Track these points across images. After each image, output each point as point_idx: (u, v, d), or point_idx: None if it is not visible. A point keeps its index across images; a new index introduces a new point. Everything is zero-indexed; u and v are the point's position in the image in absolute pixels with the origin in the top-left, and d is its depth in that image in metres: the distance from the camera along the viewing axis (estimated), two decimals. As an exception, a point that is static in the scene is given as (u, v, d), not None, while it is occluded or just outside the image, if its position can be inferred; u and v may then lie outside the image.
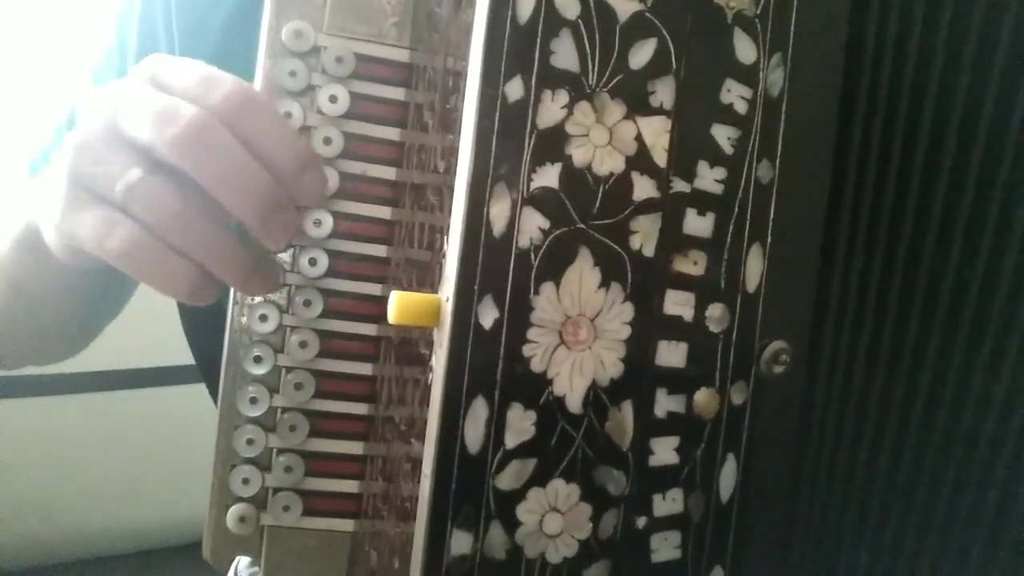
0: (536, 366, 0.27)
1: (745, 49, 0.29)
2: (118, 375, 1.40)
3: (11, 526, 1.39)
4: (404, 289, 0.31)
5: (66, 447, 1.40)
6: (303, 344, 0.40)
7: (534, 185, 0.27)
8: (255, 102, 0.35)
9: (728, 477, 0.30)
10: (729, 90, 0.29)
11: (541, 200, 0.27)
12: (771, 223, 0.29)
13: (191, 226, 0.34)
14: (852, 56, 0.31)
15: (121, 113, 0.34)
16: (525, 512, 0.28)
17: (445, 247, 0.28)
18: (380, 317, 0.41)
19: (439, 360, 0.27)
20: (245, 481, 0.40)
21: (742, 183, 0.29)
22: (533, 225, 0.27)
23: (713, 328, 0.29)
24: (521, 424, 0.27)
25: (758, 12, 0.29)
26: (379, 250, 0.41)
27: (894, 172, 0.33)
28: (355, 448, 0.41)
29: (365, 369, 0.41)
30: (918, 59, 0.32)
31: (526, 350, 0.27)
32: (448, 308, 0.27)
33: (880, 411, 0.34)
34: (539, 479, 0.28)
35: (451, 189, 0.29)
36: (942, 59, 0.32)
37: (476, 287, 0.27)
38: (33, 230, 0.41)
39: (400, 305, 0.28)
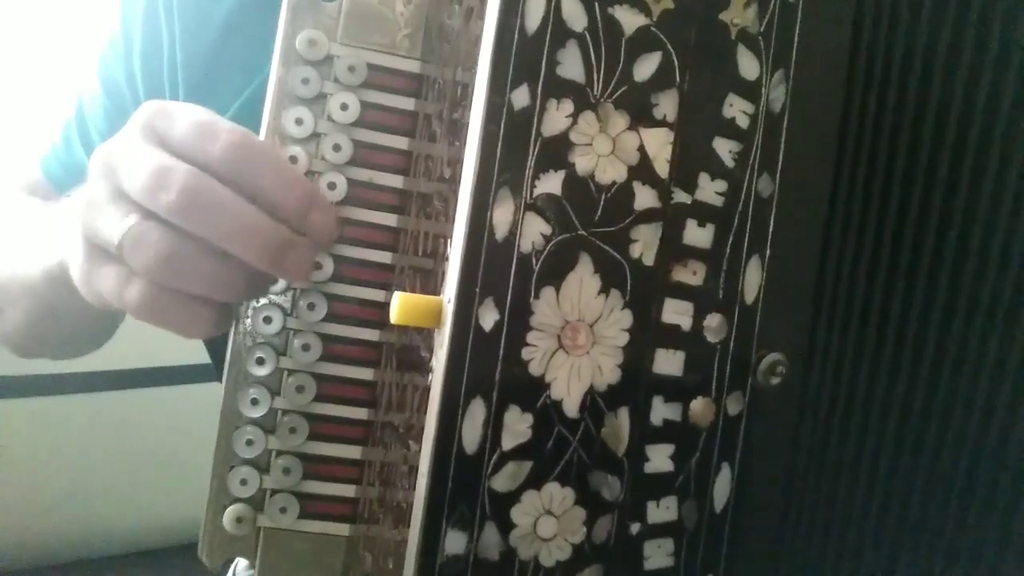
0: (534, 369, 0.28)
1: (748, 65, 0.29)
2: (118, 375, 1.41)
3: (11, 526, 1.39)
4: (407, 295, 0.32)
5: (66, 447, 1.40)
6: (306, 347, 0.40)
7: (537, 191, 0.27)
8: (254, 149, 0.35)
9: (723, 486, 0.30)
10: (731, 105, 0.29)
11: (544, 206, 0.27)
12: (770, 236, 0.30)
13: (188, 266, 0.34)
14: (852, 74, 0.32)
15: (120, 171, 0.35)
16: (520, 514, 0.28)
17: (448, 251, 0.29)
18: (383, 323, 0.41)
19: (439, 360, 0.27)
20: (243, 482, 0.40)
21: (742, 196, 0.29)
22: (535, 230, 0.27)
23: (711, 338, 0.29)
24: (518, 426, 0.28)
25: (762, 30, 0.29)
26: (384, 256, 0.41)
27: (895, 186, 0.34)
28: (353, 452, 0.41)
29: (366, 374, 0.41)
30: (916, 77, 0.33)
31: (525, 353, 0.27)
32: (449, 309, 0.27)
33: (873, 420, 0.34)
34: (534, 482, 0.28)
35: (456, 195, 0.29)
36: (941, 78, 0.33)
37: (478, 290, 0.27)
38: (65, 269, 0.42)
39: (402, 305, 0.28)
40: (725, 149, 0.29)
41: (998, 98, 0.33)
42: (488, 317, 0.27)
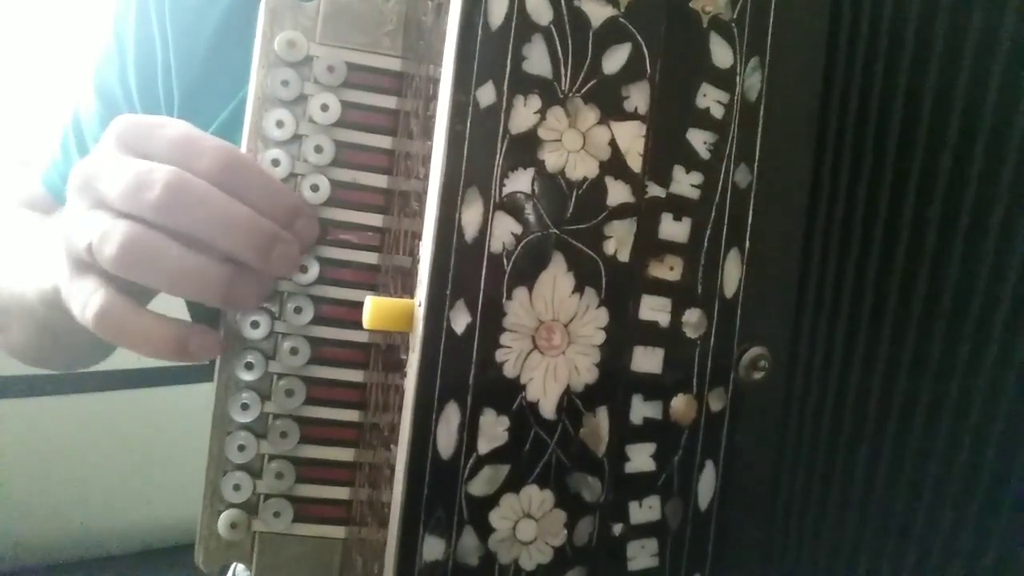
0: (509, 371, 0.27)
1: (721, 53, 0.29)
2: (118, 375, 1.42)
3: (11, 526, 1.40)
4: (390, 296, 0.32)
5: (66, 447, 1.41)
6: (294, 351, 0.40)
7: (506, 190, 0.27)
8: (239, 162, 0.35)
9: (707, 484, 0.29)
10: (705, 95, 0.29)
11: (514, 205, 0.27)
12: (749, 228, 0.29)
13: (157, 253, 0.34)
14: (833, 58, 0.31)
15: (99, 182, 0.35)
16: (498, 518, 0.27)
17: (420, 252, 0.28)
18: (371, 324, 0.41)
19: (412, 365, 0.27)
20: (236, 487, 0.40)
21: (719, 188, 0.29)
22: (506, 230, 0.27)
23: (690, 334, 0.29)
24: (494, 430, 0.27)
25: (735, 16, 0.29)
26: (370, 257, 0.41)
27: (885, 173, 0.33)
28: (346, 455, 0.41)
29: (356, 376, 0.41)
30: (905, 60, 0.32)
31: (499, 355, 0.27)
32: (420, 313, 0.27)
33: (858, 413, 0.33)
34: (512, 485, 0.27)
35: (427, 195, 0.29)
36: (920, 58, 0.32)
37: (448, 292, 0.27)
38: (59, 293, 0.42)
39: (374, 310, 0.28)
40: (700, 140, 0.29)
41: (1009, 85, 0.32)
42: (460, 320, 0.27)
